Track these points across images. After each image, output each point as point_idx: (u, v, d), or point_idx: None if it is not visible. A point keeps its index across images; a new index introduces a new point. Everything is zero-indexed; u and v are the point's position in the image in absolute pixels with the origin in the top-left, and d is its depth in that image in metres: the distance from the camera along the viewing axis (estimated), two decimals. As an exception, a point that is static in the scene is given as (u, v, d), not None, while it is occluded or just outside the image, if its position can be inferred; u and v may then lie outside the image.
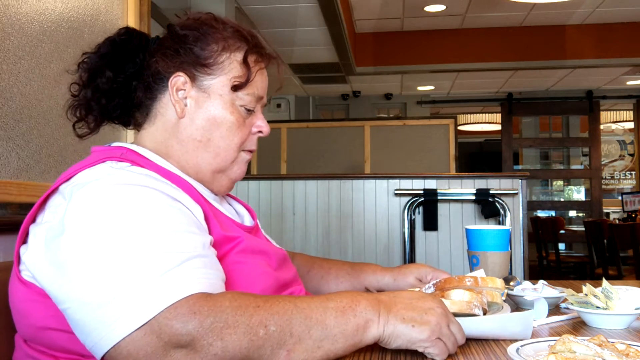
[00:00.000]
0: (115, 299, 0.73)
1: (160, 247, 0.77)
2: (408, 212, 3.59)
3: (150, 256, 0.76)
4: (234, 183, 1.07)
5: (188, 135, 1.00)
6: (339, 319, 0.77)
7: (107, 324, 0.72)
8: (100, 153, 0.94)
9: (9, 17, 1.36)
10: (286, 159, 6.30)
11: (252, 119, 1.04)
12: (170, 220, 0.82)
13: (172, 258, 0.76)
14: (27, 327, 0.87)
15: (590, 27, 6.06)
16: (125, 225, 0.78)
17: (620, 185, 9.01)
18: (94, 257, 0.76)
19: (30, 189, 1.39)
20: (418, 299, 0.82)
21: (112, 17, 1.83)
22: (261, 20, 5.03)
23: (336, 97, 8.58)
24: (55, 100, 1.52)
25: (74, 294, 0.77)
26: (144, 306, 0.72)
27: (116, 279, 0.74)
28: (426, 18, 5.84)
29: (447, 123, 6.00)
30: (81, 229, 0.79)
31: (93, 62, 1.01)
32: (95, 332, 0.73)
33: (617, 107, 8.95)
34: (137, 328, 0.71)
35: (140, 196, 0.83)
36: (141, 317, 0.71)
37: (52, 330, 0.83)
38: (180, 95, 0.99)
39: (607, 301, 1.03)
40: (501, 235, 1.34)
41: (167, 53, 1.00)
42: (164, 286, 0.73)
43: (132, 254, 0.76)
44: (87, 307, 0.75)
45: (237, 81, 1.00)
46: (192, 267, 0.77)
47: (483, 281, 0.99)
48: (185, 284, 0.74)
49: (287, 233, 3.73)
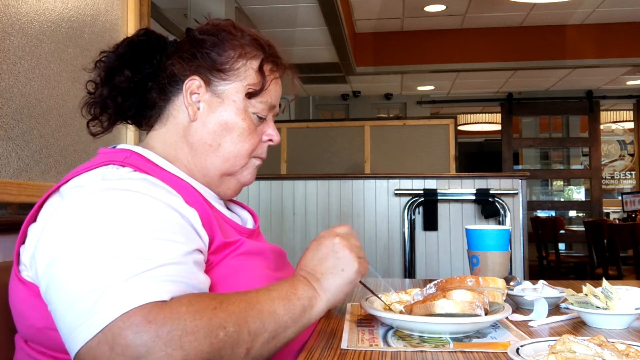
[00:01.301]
0: (78, 304, 0.71)
1: (130, 253, 0.74)
2: (408, 212, 3.59)
3: (118, 262, 0.73)
4: (243, 187, 1.07)
5: (199, 138, 1.00)
6: (287, 306, 0.82)
7: (73, 328, 0.71)
8: (104, 156, 0.94)
9: (9, 17, 1.36)
10: (286, 159, 6.30)
11: (263, 127, 1.05)
12: (151, 228, 0.79)
13: (140, 265, 0.73)
14: (27, 328, 0.87)
15: (590, 27, 6.06)
16: (101, 229, 0.77)
17: (620, 185, 9.01)
18: (67, 258, 0.76)
19: (30, 189, 1.39)
20: (318, 250, 0.92)
21: (112, 17, 1.83)
22: (261, 20, 5.03)
23: (336, 97, 8.58)
24: (56, 100, 1.52)
25: (49, 296, 0.77)
26: (99, 313, 0.69)
27: (81, 283, 0.72)
28: (426, 18, 5.84)
29: (447, 123, 5.99)
30: (60, 231, 0.79)
31: (111, 60, 1.02)
32: (65, 337, 0.73)
33: (617, 107, 8.95)
34: (92, 337, 0.69)
35: (125, 202, 0.81)
36: (95, 325, 0.69)
37: (52, 330, 0.83)
38: (194, 99, 1.00)
39: (607, 301, 1.03)
40: (501, 235, 1.34)
41: (184, 56, 1.01)
42: (123, 293, 0.70)
43: (100, 258, 0.74)
44: (59, 308, 0.75)
45: (252, 89, 1.01)
46: (159, 275, 0.74)
47: (484, 281, 0.99)
48: (146, 291, 0.71)
49: (287, 233, 3.73)
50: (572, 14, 5.73)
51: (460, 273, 3.54)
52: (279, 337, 0.80)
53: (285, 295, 0.83)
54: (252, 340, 0.76)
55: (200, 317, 0.71)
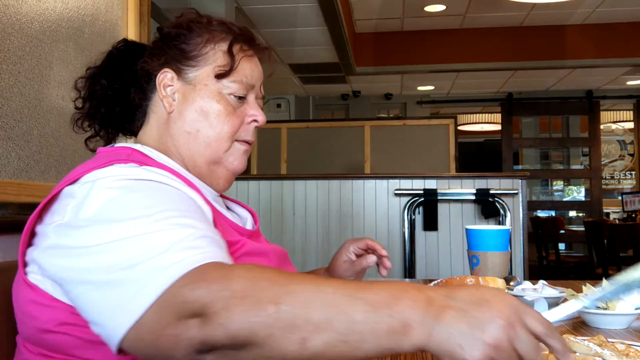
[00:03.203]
0: (126, 277, 0.71)
1: (174, 225, 0.76)
2: (408, 212, 3.59)
3: (164, 233, 0.74)
4: (234, 176, 1.07)
5: (178, 128, 1.01)
6: (369, 315, 0.63)
7: (122, 305, 0.70)
8: (107, 155, 0.94)
9: (9, 17, 1.36)
10: (286, 159, 6.30)
11: (244, 108, 1.04)
12: (185, 207, 0.82)
13: (189, 234, 0.75)
14: (30, 329, 0.86)
15: (590, 27, 6.06)
16: (139, 205, 0.78)
17: (620, 185, 9.01)
18: (109, 239, 0.75)
19: (30, 189, 1.39)
20: (478, 305, 0.63)
21: (112, 17, 1.83)
22: (261, 20, 5.03)
23: (336, 97, 8.58)
24: (56, 100, 1.52)
25: (81, 286, 0.76)
26: (157, 279, 0.69)
27: (127, 256, 0.73)
28: (426, 18, 5.84)
29: (447, 123, 6.00)
30: (93, 219, 0.78)
31: (92, 74, 1.05)
32: (107, 319, 0.72)
33: (617, 107, 8.96)
34: (152, 302, 0.68)
35: (153, 185, 0.84)
36: (155, 290, 0.68)
37: (56, 333, 0.83)
38: (168, 91, 1.01)
39: (607, 301, 1.03)
40: (501, 235, 1.34)
41: (154, 52, 1.03)
42: (178, 258, 0.71)
43: (145, 231, 0.75)
44: (99, 292, 0.73)
45: (221, 70, 1.01)
46: (207, 242, 0.75)
47: (484, 281, 0.99)
48: (200, 255, 0.72)
49: (287, 233, 3.73)
50: (572, 14, 5.73)
51: (460, 273, 3.54)
52: (350, 344, 0.64)
53: (375, 302, 0.64)
54: (311, 332, 0.63)
55: (252, 285, 0.66)
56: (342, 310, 0.64)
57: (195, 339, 0.65)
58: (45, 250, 0.83)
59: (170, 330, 0.66)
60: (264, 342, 0.64)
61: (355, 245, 1.21)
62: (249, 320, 0.64)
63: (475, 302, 0.63)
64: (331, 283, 0.67)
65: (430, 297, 0.64)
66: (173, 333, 0.66)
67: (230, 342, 0.65)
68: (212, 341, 0.65)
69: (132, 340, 0.69)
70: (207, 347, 0.65)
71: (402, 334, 0.62)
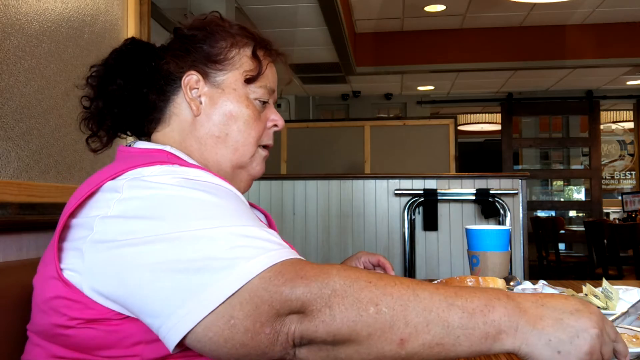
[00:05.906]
0: (199, 270, 0.70)
1: (244, 224, 0.76)
2: (408, 212, 3.59)
3: (242, 228, 0.74)
4: (253, 181, 1.07)
5: (206, 132, 1.00)
6: (465, 320, 0.68)
7: (188, 298, 0.68)
8: (144, 156, 0.92)
9: (9, 17, 1.36)
10: (286, 159, 6.31)
11: (266, 113, 1.06)
12: (244, 207, 0.82)
13: (261, 230, 0.75)
14: (47, 325, 0.84)
15: (590, 27, 6.06)
16: (208, 202, 0.78)
17: (620, 185, 9.01)
18: (173, 233, 0.74)
19: (30, 189, 1.39)
20: (571, 314, 0.68)
21: (112, 17, 1.83)
22: (261, 20, 5.03)
23: (336, 97, 8.58)
24: (55, 100, 1.52)
25: (137, 281, 0.73)
26: (236, 271, 0.68)
27: (202, 251, 0.71)
28: (426, 18, 5.84)
29: (447, 123, 6.00)
30: (169, 208, 0.78)
31: (102, 73, 1.02)
32: (172, 316, 0.69)
33: (617, 107, 8.96)
34: (230, 295, 0.67)
35: (211, 185, 0.84)
36: (235, 282, 0.67)
37: (78, 329, 0.81)
38: (194, 94, 1.00)
39: (607, 301, 1.03)
40: (501, 235, 1.34)
41: (177, 54, 1.01)
42: (255, 253, 0.70)
43: (222, 224, 0.74)
44: (177, 275, 0.71)
45: (250, 74, 1.01)
46: (277, 238, 0.76)
47: (484, 281, 0.99)
48: (277, 252, 0.71)
49: (287, 233, 3.73)
50: (572, 14, 5.73)
51: (460, 273, 3.54)
52: (444, 346, 0.68)
53: (470, 309, 0.68)
54: (410, 334, 0.67)
55: (350, 285, 0.68)
56: (438, 315, 0.68)
57: (294, 334, 0.68)
58: (95, 244, 0.80)
59: (266, 329, 0.67)
60: (363, 340, 0.67)
61: (367, 258, 1.27)
62: (351, 319, 0.66)
63: (569, 311, 0.69)
64: (425, 287, 0.70)
65: (521, 304, 0.69)
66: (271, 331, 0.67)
67: (330, 339, 0.67)
68: (312, 336, 0.68)
69: (201, 334, 0.68)
70: (305, 342, 0.68)
71: (495, 340, 0.68)
